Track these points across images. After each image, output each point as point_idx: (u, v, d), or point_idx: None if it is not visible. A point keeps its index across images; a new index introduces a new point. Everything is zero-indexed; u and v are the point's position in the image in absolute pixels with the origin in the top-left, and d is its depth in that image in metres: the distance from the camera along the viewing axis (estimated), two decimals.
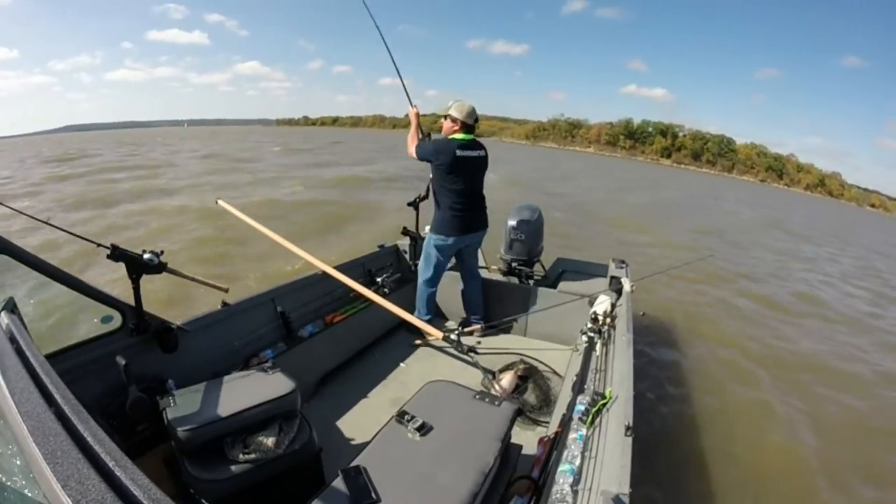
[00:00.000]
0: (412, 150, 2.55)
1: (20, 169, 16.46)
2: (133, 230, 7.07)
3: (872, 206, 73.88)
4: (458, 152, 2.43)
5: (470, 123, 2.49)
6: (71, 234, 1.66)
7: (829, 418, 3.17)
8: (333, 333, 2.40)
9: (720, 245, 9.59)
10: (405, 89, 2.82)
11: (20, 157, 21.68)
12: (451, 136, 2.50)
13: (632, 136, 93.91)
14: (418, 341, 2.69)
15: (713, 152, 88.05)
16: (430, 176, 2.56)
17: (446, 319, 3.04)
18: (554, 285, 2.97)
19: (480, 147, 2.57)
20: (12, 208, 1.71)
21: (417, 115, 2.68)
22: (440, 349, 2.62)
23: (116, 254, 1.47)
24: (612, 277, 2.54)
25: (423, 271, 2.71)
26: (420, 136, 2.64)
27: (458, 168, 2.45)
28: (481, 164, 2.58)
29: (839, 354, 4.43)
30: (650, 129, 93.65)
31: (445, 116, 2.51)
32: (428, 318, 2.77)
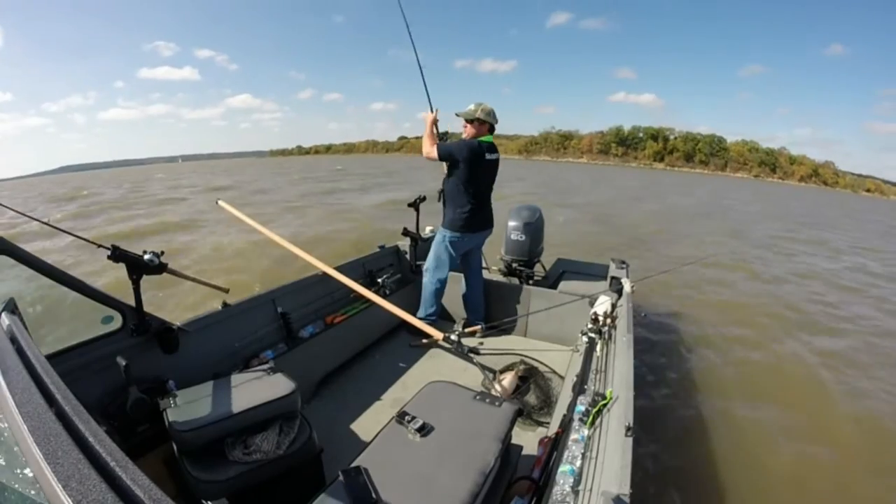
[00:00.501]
0: (432, 150, 2.51)
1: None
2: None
3: (868, 191, 73.64)
4: (487, 155, 2.52)
5: (494, 125, 2.58)
6: (71, 234, 1.66)
7: (834, 419, 3.16)
8: (334, 334, 2.41)
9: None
10: (427, 92, 2.79)
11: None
12: (479, 139, 2.55)
13: (623, 143, 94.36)
14: (419, 342, 2.69)
15: (705, 152, 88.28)
16: (445, 175, 2.60)
17: (447, 320, 3.04)
18: (554, 286, 2.97)
19: (497, 150, 2.65)
20: (13, 209, 1.72)
21: (435, 118, 2.66)
22: (440, 350, 2.62)
23: (117, 254, 1.48)
24: (613, 278, 2.54)
25: (434, 268, 2.73)
26: (436, 137, 2.64)
27: (481, 169, 2.53)
28: (497, 167, 2.67)
29: (852, 354, 4.40)
30: (641, 135, 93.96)
31: (472, 121, 2.54)
32: (433, 316, 2.79)
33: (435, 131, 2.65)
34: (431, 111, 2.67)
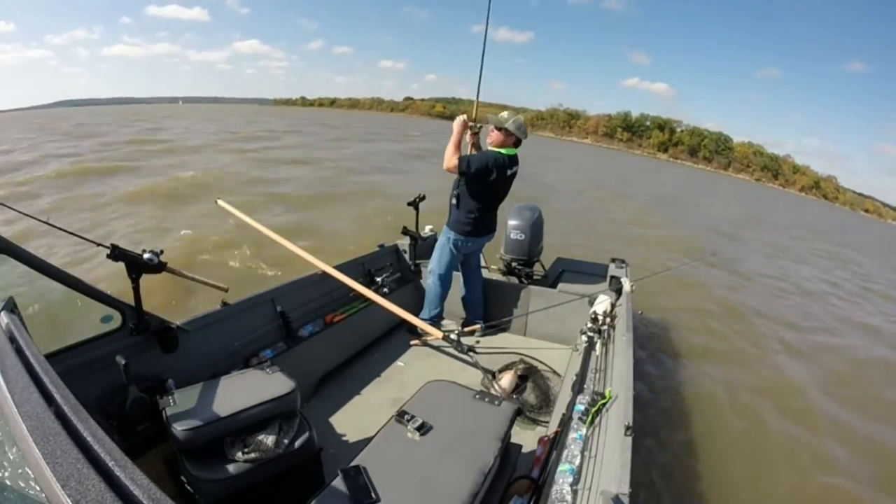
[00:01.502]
0: (452, 160, 2.36)
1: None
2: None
3: (866, 211, 73.14)
4: (509, 171, 2.44)
5: (522, 139, 2.47)
6: (71, 233, 1.66)
7: (835, 418, 3.17)
8: (333, 333, 2.40)
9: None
10: (479, 87, 2.59)
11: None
12: (502, 150, 2.43)
13: (629, 129, 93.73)
14: (418, 341, 2.69)
15: (710, 149, 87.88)
16: (460, 178, 2.48)
17: (446, 319, 3.04)
18: (554, 285, 2.97)
19: (518, 162, 2.55)
20: (12, 208, 1.71)
21: (466, 125, 2.48)
22: (440, 349, 2.62)
23: (116, 253, 1.47)
24: (612, 277, 2.54)
25: (437, 269, 2.71)
26: (459, 149, 2.44)
27: (500, 182, 2.45)
28: (514, 179, 2.59)
29: (847, 355, 4.43)
30: (648, 123, 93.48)
31: (501, 129, 2.40)
32: (436, 315, 2.78)
33: (463, 141, 2.48)
34: (477, 97, 2.49)
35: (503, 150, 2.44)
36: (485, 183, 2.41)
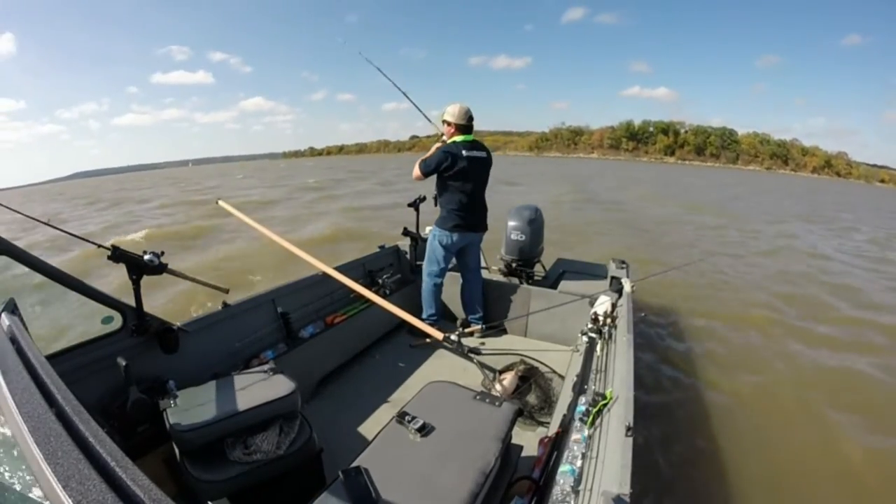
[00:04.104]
0: (416, 170, 2.56)
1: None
2: None
3: (882, 181, 71.55)
4: (465, 153, 2.49)
5: (465, 124, 2.55)
6: (71, 234, 1.66)
7: (837, 418, 3.16)
8: (334, 334, 2.40)
9: None
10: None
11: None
12: (457, 139, 2.55)
13: (634, 138, 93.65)
14: (419, 342, 2.68)
15: (716, 145, 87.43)
16: (435, 178, 2.60)
17: (447, 320, 3.04)
18: (554, 286, 2.97)
19: (483, 148, 2.62)
20: (12, 209, 1.72)
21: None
22: (441, 350, 2.62)
23: (117, 255, 1.47)
24: (613, 278, 2.54)
25: (429, 268, 2.75)
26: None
27: (463, 169, 2.50)
28: (485, 166, 2.64)
29: (854, 352, 4.39)
30: (651, 129, 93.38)
31: (444, 122, 2.57)
32: (433, 316, 2.79)
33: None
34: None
35: (457, 139, 2.55)
36: (451, 175, 2.51)
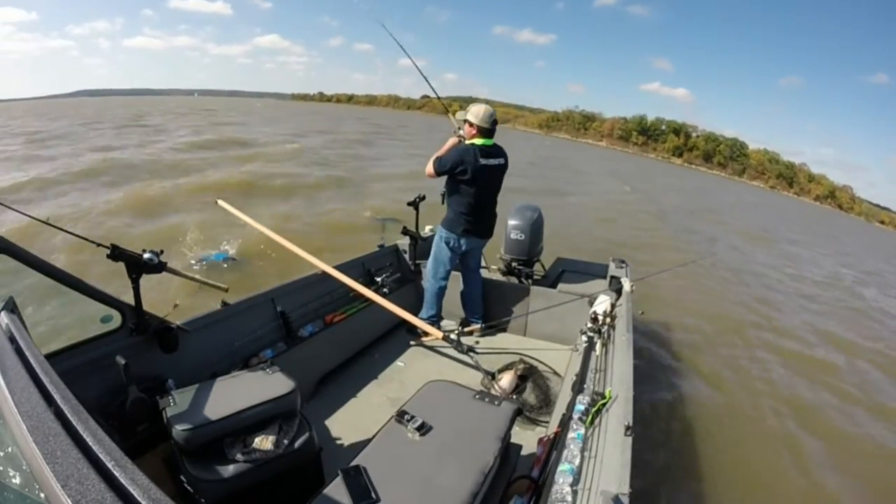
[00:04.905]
0: (429, 168, 2.47)
1: None
2: None
3: (882, 222, 70.85)
4: (482, 160, 2.40)
5: (487, 128, 2.45)
6: (70, 233, 1.66)
7: (835, 418, 3.17)
8: (333, 333, 2.40)
9: None
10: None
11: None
12: (476, 141, 2.46)
13: (644, 133, 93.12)
14: (418, 341, 2.68)
15: (725, 155, 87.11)
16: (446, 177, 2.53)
17: (446, 319, 3.04)
18: (554, 285, 2.97)
19: (501, 154, 2.53)
20: (12, 208, 1.71)
21: (459, 142, 2.57)
22: (440, 349, 2.62)
23: (116, 253, 1.47)
24: (612, 277, 2.54)
25: (433, 269, 2.72)
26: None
27: (477, 175, 2.42)
28: (500, 173, 2.56)
29: (848, 353, 4.42)
30: (663, 127, 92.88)
31: (465, 121, 2.47)
32: (434, 316, 2.77)
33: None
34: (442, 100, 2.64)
35: (477, 142, 2.45)
36: (463, 177, 2.42)
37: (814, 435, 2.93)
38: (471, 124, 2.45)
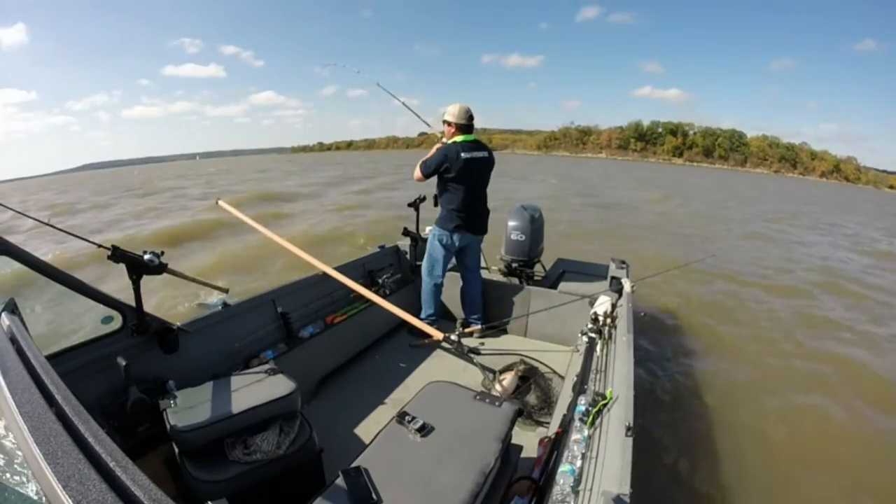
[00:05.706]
0: (417, 172, 2.56)
1: None
2: None
3: (891, 187, 69.69)
4: (464, 154, 2.48)
5: (465, 124, 2.54)
6: (71, 234, 1.66)
7: (836, 418, 3.16)
8: (334, 334, 2.40)
9: None
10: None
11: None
12: (457, 139, 2.54)
13: (642, 138, 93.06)
14: (419, 342, 2.68)
15: (725, 147, 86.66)
16: (436, 178, 2.59)
17: (447, 320, 3.04)
18: (554, 286, 2.97)
19: (484, 148, 2.60)
20: (12, 209, 1.72)
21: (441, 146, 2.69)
22: (440, 350, 2.62)
23: (117, 254, 1.47)
24: (613, 278, 2.54)
25: (428, 267, 2.75)
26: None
27: (463, 170, 2.49)
28: (486, 166, 2.62)
29: (853, 351, 4.39)
30: (660, 130, 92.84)
31: (444, 122, 2.57)
32: (433, 316, 2.78)
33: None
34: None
35: (458, 139, 2.54)
36: (448, 174, 2.50)
37: (830, 437, 2.91)
38: (449, 124, 2.55)
